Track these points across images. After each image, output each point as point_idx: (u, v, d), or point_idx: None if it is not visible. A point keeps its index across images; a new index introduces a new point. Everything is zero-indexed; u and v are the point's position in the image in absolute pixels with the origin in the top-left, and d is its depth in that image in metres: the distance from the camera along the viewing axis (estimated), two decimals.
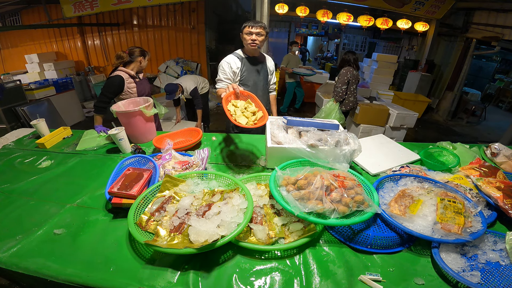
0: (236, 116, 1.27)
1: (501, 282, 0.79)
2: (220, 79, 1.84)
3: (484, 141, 4.97)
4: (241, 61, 1.85)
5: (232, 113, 1.28)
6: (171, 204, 1.01)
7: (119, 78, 1.95)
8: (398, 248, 0.92)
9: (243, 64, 1.86)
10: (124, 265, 0.85)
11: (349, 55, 3.28)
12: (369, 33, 9.92)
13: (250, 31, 1.73)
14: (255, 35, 1.73)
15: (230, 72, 1.82)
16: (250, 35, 1.73)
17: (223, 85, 1.83)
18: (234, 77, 1.86)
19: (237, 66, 1.84)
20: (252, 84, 1.93)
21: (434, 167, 1.37)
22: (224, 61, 1.84)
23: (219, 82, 1.85)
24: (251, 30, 1.72)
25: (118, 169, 1.26)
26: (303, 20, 6.83)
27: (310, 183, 0.95)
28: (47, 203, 1.14)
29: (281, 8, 5.00)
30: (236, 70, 1.84)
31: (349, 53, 3.30)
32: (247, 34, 1.74)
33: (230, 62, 1.83)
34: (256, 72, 1.93)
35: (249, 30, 1.72)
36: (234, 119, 1.25)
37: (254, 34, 1.72)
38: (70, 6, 4.88)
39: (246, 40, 1.76)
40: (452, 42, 6.12)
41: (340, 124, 1.49)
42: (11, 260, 0.86)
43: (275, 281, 0.80)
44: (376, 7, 5.10)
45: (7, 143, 1.74)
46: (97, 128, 1.89)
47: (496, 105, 7.71)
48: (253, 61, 1.90)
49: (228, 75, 1.83)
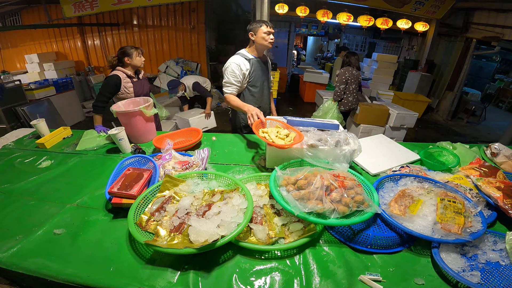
0: (273, 139, 1.28)
1: (501, 282, 0.78)
2: (231, 82, 1.78)
3: (484, 141, 4.97)
4: (249, 62, 1.82)
5: (267, 137, 1.29)
6: (171, 204, 1.01)
7: (116, 77, 1.95)
8: (398, 248, 0.92)
9: (252, 65, 1.83)
10: (124, 265, 0.85)
11: (349, 56, 3.29)
12: (369, 33, 9.92)
13: (269, 31, 1.73)
14: (272, 34, 1.76)
15: (240, 75, 1.78)
16: (269, 34, 1.74)
17: (234, 89, 1.79)
18: (243, 79, 1.83)
19: (246, 68, 1.80)
20: (260, 84, 1.92)
21: (434, 167, 1.37)
22: (233, 63, 1.77)
23: (229, 86, 1.79)
24: (270, 30, 1.73)
25: (118, 169, 1.27)
26: (303, 20, 6.82)
27: (310, 183, 0.95)
28: (47, 203, 1.14)
29: (281, 8, 5.00)
30: (245, 72, 1.81)
31: (349, 54, 3.31)
32: (266, 34, 1.73)
33: (239, 64, 1.77)
34: (263, 72, 1.92)
35: (268, 30, 1.73)
36: (272, 141, 1.25)
37: (271, 34, 1.75)
38: (70, 6, 4.88)
39: (264, 40, 1.74)
40: (452, 42, 6.11)
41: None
42: (11, 260, 0.86)
43: (275, 281, 0.80)
44: (376, 7, 5.10)
45: (7, 143, 1.74)
46: (97, 128, 1.89)
47: (496, 105, 7.71)
48: (260, 62, 1.89)
49: (239, 78, 1.79)
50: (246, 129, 2.03)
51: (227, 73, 1.79)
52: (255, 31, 1.75)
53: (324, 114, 3.38)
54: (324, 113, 3.39)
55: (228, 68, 1.79)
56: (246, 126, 2.00)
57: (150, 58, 6.61)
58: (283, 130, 1.37)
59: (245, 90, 1.91)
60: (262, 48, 1.84)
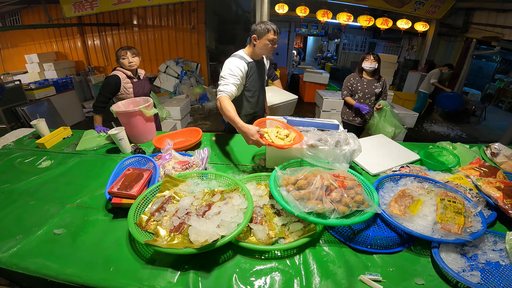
0: (273, 139, 1.26)
1: (501, 282, 0.79)
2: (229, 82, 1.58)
3: (484, 141, 4.97)
4: (248, 66, 1.72)
5: (266, 137, 1.27)
6: (171, 204, 1.01)
7: (116, 77, 1.96)
8: (398, 248, 0.92)
9: (250, 69, 1.74)
10: (124, 265, 0.85)
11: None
12: (369, 33, 9.93)
13: (274, 39, 1.64)
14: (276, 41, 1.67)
15: (240, 78, 1.65)
16: (274, 44, 1.67)
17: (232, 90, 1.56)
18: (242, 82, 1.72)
19: (245, 71, 1.71)
20: (256, 89, 1.87)
21: (434, 167, 1.37)
22: (234, 66, 1.63)
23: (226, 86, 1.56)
24: (276, 38, 1.65)
25: (118, 169, 1.26)
26: (303, 20, 6.83)
27: (310, 183, 0.95)
28: (47, 203, 1.14)
29: (281, 8, 5.00)
30: (244, 75, 1.71)
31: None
32: (270, 41, 1.64)
33: (239, 67, 1.64)
34: (260, 77, 1.86)
35: (273, 37, 1.63)
36: (272, 141, 1.23)
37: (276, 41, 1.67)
38: (70, 6, 4.88)
39: (267, 47, 1.65)
40: (452, 42, 6.12)
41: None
42: (11, 260, 0.86)
43: (275, 281, 0.80)
44: (376, 7, 5.10)
45: (7, 143, 1.74)
46: (97, 128, 1.90)
47: (496, 105, 7.70)
48: (258, 65, 1.82)
49: (239, 81, 1.63)
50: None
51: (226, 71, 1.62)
52: (260, 36, 1.62)
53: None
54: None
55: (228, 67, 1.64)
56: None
57: (150, 58, 6.62)
58: (283, 130, 1.36)
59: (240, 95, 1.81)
60: (262, 54, 1.76)
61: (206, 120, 5.37)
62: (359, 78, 2.58)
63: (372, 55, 2.46)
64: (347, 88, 2.62)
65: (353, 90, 2.60)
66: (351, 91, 2.61)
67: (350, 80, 2.60)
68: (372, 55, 2.47)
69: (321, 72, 6.74)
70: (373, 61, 2.46)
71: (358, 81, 2.58)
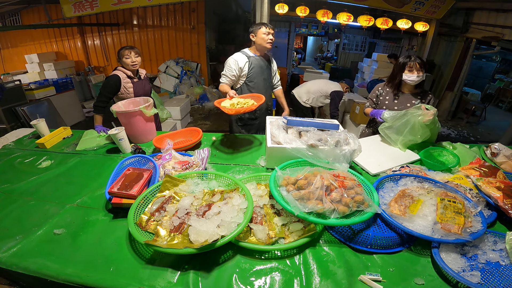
0: (229, 104, 1.58)
1: (501, 282, 0.79)
2: (226, 75, 2.03)
3: (484, 141, 4.97)
4: (248, 59, 2.02)
5: (222, 104, 1.58)
6: (171, 204, 1.01)
7: (116, 77, 1.96)
8: (398, 248, 0.92)
9: (250, 62, 2.03)
10: (124, 265, 0.85)
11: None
12: (369, 33, 9.91)
13: (268, 31, 1.94)
14: (271, 35, 1.96)
15: (236, 69, 2.00)
16: (268, 35, 1.95)
17: (226, 80, 2.02)
18: (239, 73, 2.04)
19: (244, 63, 2.01)
20: (257, 81, 2.09)
21: (434, 167, 1.37)
22: (232, 58, 2.01)
23: (224, 77, 2.04)
24: (269, 31, 1.94)
25: (118, 169, 1.27)
26: (303, 20, 6.82)
27: (310, 183, 0.95)
28: (47, 203, 1.14)
29: (281, 8, 4.99)
30: (242, 67, 2.01)
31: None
32: (265, 34, 1.94)
33: (237, 60, 2.00)
34: (262, 70, 2.10)
35: (267, 31, 1.94)
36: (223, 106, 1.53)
37: (271, 34, 1.95)
38: (70, 6, 4.87)
39: (263, 40, 1.95)
40: (452, 42, 6.11)
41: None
42: (11, 260, 0.86)
43: (275, 281, 0.80)
44: (376, 7, 5.09)
45: (7, 143, 1.74)
46: (97, 128, 1.90)
47: (496, 105, 7.70)
48: (260, 60, 2.07)
49: (234, 72, 2.01)
50: (241, 121, 2.23)
51: (225, 66, 2.04)
52: (255, 33, 1.96)
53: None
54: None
55: (226, 62, 2.04)
56: (241, 118, 2.21)
57: (150, 58, 6.62)
58: (244, 100, 1.62)
59: (243, 85, 2.09)
60: (262, 48, 2.03)
61: (206, 120, 5.37)
62: (390, 91, 1.83)
63: (417, 62, 1.65)
64: (371, 100, 1.96)
65: (378, 104, 1.91)
66: (375, 104, 1.94)
67: (378, 89, 1.91)
68: (416, 61, 1.65)
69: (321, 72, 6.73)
70: (419, 70, 1.65)
71: (387, 94, 1.84)
